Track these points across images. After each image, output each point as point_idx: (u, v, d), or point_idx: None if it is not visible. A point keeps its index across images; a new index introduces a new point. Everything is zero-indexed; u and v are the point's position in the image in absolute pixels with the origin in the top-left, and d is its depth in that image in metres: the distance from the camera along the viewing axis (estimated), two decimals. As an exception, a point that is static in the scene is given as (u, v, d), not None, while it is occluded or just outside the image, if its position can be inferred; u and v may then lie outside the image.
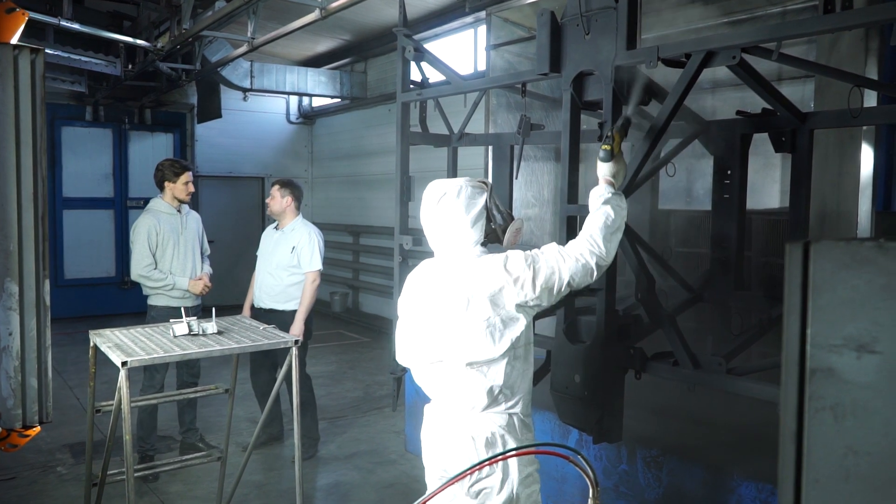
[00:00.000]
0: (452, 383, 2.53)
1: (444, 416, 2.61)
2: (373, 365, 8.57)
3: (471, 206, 2.55)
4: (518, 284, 2.44)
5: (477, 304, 2.45)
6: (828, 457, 0.89)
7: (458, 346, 2.48)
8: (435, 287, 2.58)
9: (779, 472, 0.96)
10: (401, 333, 2.74)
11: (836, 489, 0.88)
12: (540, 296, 2.47)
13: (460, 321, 2.47)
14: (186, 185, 5.16)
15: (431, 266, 2.68)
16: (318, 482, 5.09)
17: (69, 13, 7.06)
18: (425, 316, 2.59)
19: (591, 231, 2.62)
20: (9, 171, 1.75)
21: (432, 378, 2.61)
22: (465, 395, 2.51)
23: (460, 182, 2.58)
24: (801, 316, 0.91)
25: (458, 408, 2.55)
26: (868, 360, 0.85)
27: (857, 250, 0.85)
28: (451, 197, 2.55)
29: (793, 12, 4.50)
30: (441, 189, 2.58)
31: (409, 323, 2.69)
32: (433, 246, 2.67)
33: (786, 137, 3.32)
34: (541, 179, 6.00)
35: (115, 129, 11.77)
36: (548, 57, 3.39)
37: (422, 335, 2.60)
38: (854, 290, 0.85)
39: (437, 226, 2.59)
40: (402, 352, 2.74)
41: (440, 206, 2.56)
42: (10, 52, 1.73)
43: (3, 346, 1.90)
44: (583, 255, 2.54)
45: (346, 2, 5.94)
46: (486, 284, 2.45)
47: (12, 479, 4.99)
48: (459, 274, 2.52)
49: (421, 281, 2.68)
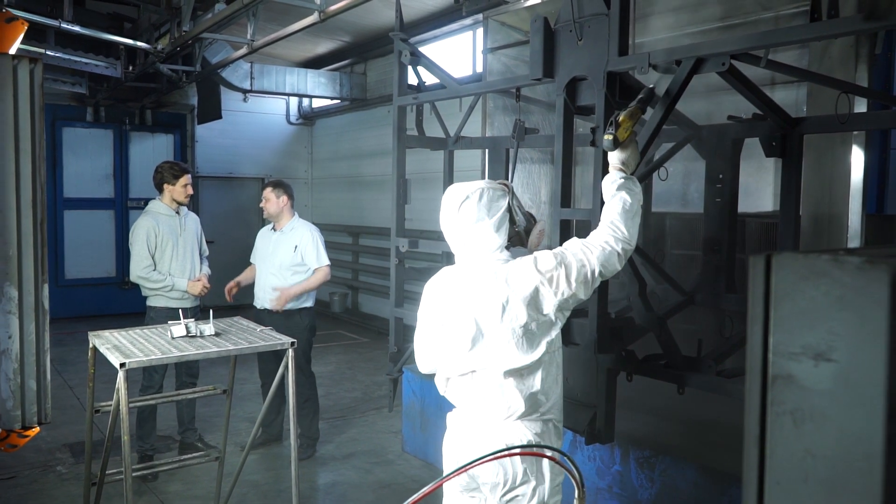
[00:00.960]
0: (486, 392, 2.48)
1: (475, 425, 2.54)
2: (371, 365, 8.62)
3: (493, 209, 2.49)
4: (553, 284, 2.41)
5: (513, 310, 2.40)
6: (788, 459, 0.93)
7: (495, 354, 2.43)
8: (463, 295, 2.51)
9: (743, 474, 1.00)
10: (424, 343, 2.68)
11: (796, 490, 0.92)
12: (577, 290, 2.45)
13: (496, 329, 2.42)
14: (185, 188, 5.20)
15: (454, 273, 2.61)
16: (316, 482, 5.14)
17: (70, 15, 7.10)
18: (454, 325, 2.51)
19: (610, 218, 2.60)
20: (8, 178, 1.79)
21: (462, 388, 2.55)
22: (500, 404, 2.46)
23: (481, 185, 2.53)
24: (763, 325, 0.95)
25: (491, 416, 2.50)
26: (825, 367, 0.89)
27: (814, 263, 0.90)
28: (472, 201, 2.48)
29: (785, 17, 4.54)
30: (462, 193, 2.51)
31: (433, 333, 2.62)
32: (456, 252, 2.61)
33: (776, 142, 3.36)
34: (537, 182, 6.04)
35: (115, 130, 11.82)
36: (541, 62, 3.44)
37: (451, 345, 2.52)
38: (812, 301, 0.90)
39: (460, 231, 2.53)
40: (426, 362, 2.68)
41: (462, 211, 2.49)
42: (10, 62, 1.78)
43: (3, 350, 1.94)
44: (608, 243, 2.52)
45: (345, 4, 5.98)
46: (521, 289, 2.40)
47: (13, 479, 5.03)
48: (489, 280, 2.46)
49: (445, 289, 2.60)
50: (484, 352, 2.45)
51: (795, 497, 0.92)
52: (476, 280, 2.49)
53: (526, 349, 2.42)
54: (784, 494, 0.93)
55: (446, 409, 4.79)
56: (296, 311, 5.35)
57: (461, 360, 2.50)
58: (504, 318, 2.40)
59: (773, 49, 3.18)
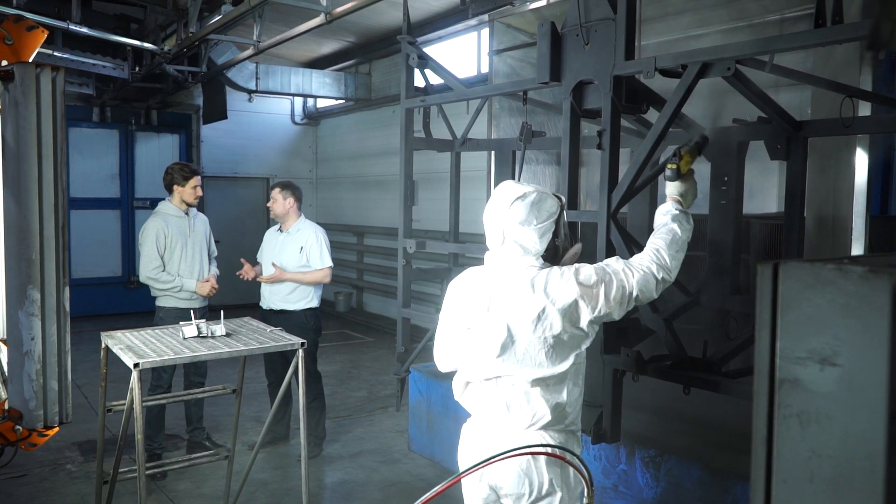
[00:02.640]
0: (511, 400, 2.45)
1: (496, 434, 2.50)
2: (377, 365, 8.66)
3: (543, 215, 2.47)
4: (592, 298, 2.40)
5: (549, 319, 2.38)
6: (794, 460, 0.97)
7: (524, 362, 2.41)
8: (495, 298, 2.46)
9: (751, 473, 1.05)
10: (445, 342, 2.64)
11: (802, 489, 0.97)
12: (612, 309, 2.45)
13: (528, 336, 2.40)
14: (195, 189, 5.24)
15: (485, 274, 2.56)
16: (324, 480, 5.18)
17: (77, 17, 7.15)
18: (483, 329, 2.47)
19: (657, 245, 2.61)
20: (31, 184, 1.84)
21: (485, 395, 2.50)
22: (525, 412, 2.44)
23: (541, 189, 2.52)
24: (770, 330, 0.99)
25: (514, 425, 2.47)
26: (830, 371, 0.93)
27: (820, 272, 0.94)
28: (527, 201, 2.45)
29: (790, 20, 4.57)
30: (518, 191, 2.48)
31: (457, 332, 2.57)
32: (492, 247, 2.54)
33: (781, 145, 3.40)
34: (543, 183, 6.08)
35: (121, 130, 11.89)
36: (548, 66, 3.48)
37: (478, 349, 2.48)
38: (818, 308, 0.94)
39: (505, 228, 2.47)
40: (446, 360, 2.65)
41: (513, 207, 2.45)
42: (33, 70, 1.82)
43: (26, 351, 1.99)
44: (649, 269, 2.53)
45: (352, 6, 6.02)
46: (560, 299, 2.38)
47: (23, 477, 5.08)
48: (525, 287, 2.42)
49: (474, 289, 2.54)
50: (513, 359, 2.42)
51: (801, 495, 0.96)
52: (511, 284, 2.45)
53: (555, 360, 2.41)
54: (790, 493, 0.98)
55: (452, 410, 4.85)
56: (301, 311, 5.39)
57: (488, 364, 2.46)
58: (538, 327, 2.38)
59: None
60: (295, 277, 5.29)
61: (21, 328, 1.96)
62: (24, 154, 1.84)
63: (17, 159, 1.86)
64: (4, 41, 2.05)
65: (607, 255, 3.27)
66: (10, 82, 1.86)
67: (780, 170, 4.82)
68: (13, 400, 2.11)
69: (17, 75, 1.86)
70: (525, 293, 2.40)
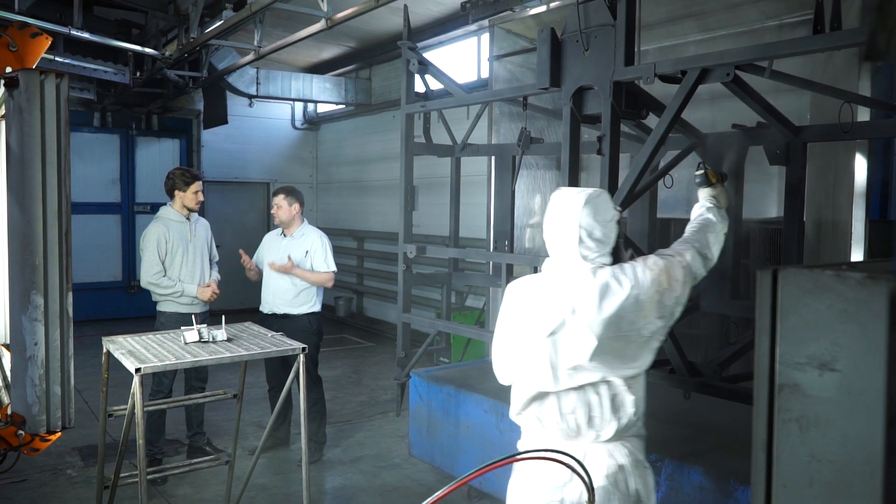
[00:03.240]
0: (595, 409, 2.40)
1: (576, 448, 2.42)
2: (377, 369, 8.67)
3: (612, 213, 2.47)
4: (665, 283, 2.41)
5: (638, 311, 2.35)
6: (794, 464, 0.98)
7: (618, 361, 2.37)
8: (577, 301, 2.38)
9: (752, 477, 1.06)
10: (506, 354, 2.55)
11: (802, 493, 0.97)
12: (682, 291, 2.46)
13: (621, 333, 2.36)
14: (196, 195, 5.25)
15: (553, 280, 2.47)
16: (324, 485, 5.18)
17: (79, 22, 7.17)
18: (568, 334, 2.39)
19: (696, 229, 2.72)
20: (35, 190, 1.85)
21: (560, 407, 2.42)
22: (609, 420, 2.40)
23: (600, 190, 2.51)
24: (770, 336, 1.00)
25: (594, 437, 2.42)
26: (829, 377, 0.94)
27: (818, 278, 0.95)
28: (603, 198, 2.45)
29: (789, 26, 4.59)
30: (589, 189, 2.47)
31: (529, 345, 2.45)
32: (561, 249, 2.48)
33: (780, 150, 3.41)
34: (543, 188, 6.09)
35: (122, 135, 11.91)
36: (548, 72, 3.49)
37: (560, 358, 2.39)
38: (816, 314, 0.95)
39: (582, 225, 2.41)
40: (507, 373, 2.56)
41: (589, 205, 2.41)
42: (37, 77, 1.83)
43: (29, 356, 2.00)
44: (694, 247, 2.60)
45: (352, 12, 6.04)
46: (643, 290, 2.36)
47: (24, 482, 5.08)
48: (608, 283, 2.38)
49: (547, 297, 2.44)
50: (606, 359, 2.36)
51: (801, 499, 0.97)
52: (593, 284, 2.38)
53: (644, 355, 2.40)
54: (790, 497, 0.99)
55: (452, 414, 4.85)
56: (304, 315, 5.41)
57: (575, 371, 2.38)
58: (629, 322, 2.35)
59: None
60: (303, 273, 5.32)
61: (24, 333, 1.97)
62: (28, 160, 1.86)
63: (21, 165, 1.87)
64: (9, 48, 2.07)
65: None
66: (14, 89, 1.87)
67: (779, 175, 4.83)
68: (16, 405, 2.12)
69: (22, 82, 1.87)
70: (611, 290, 2.36)
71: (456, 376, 5.16)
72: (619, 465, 2.41)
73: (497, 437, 4.54)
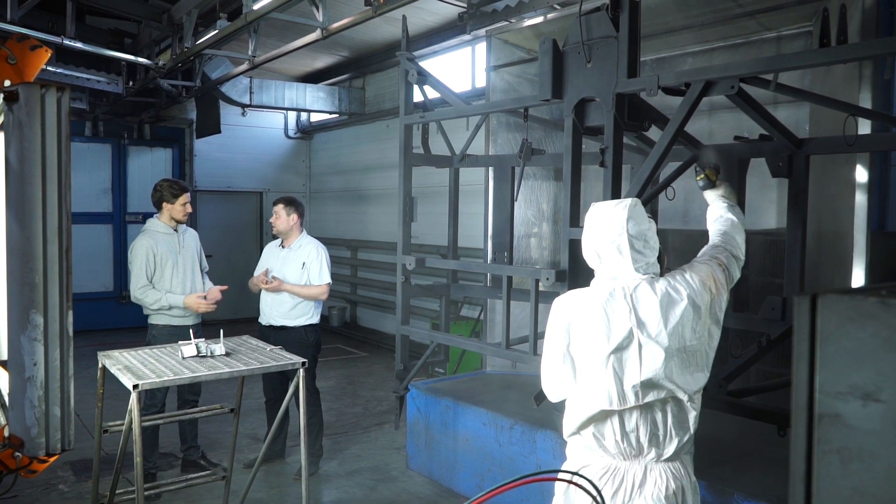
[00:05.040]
0: (659, 426, 2.35)
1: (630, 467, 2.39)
2: (372, 380, 8.61)
3: (651, 225, 2.45)
4: (714, 289, 2.41)
5: (700, 320, 2.32)
6: (835, 498, 0.95)
7: (686, 372, 2.32)
8: (638, 314, 2.33)
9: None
10: (558, 371, 2.46)
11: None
12: (725, 294, 2.46)
13: (687, 343, 2.32)
14: (184, 206, 5.19)
15: (607, 296, 2.38)
16: (321, 499, 5.12)
17: (72, 32, 7.12)
18: (633, 349, 2.32)
19: (722, 231, 2.74)
20: (35, 206, 1.80)
21: (621, 427, 2.36)
22: (672, 436, 2.36)
23: (640, 200, 2.50)
24: (808, 364, 0.97)
25: (650, 454, 2.38)
26: (873, 408, 0.91)
27: (861, 304, 0.92)
28: (640, 209, 2.42)
29: (787, 37, 4.59)
30: (626, 201, 2.42)
31: (589, 364, 2.37)
32: (609, 261, 2.41)
33: (782, 163, 3.40)
34: (540, 198, 6.07)
35: (114, 145, 11.83)
36: (550, 83, 3.47)
37: (627, 373, 2.32)
38: (859, 343, 0.92)
39: (629, 232, 2.36)
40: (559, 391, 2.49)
41: (632, 214, 2.38)
42: (38, 91, 1.79)
43: (28, 377, 1.95)
44: (728, 250, 2.62)
45: (348, 22, 6.02)
46: (699, 297, 2.34)
47: (14, 497, 5.00)
48: (667, 294, 2.34)
49: (603, 313, 2.36)
50: (674, 372, 2.31)
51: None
52: (648, 299, 2.34)
53: (708, 364, 2.38)
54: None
55: (451, 427, 4.81)
56: (301, 327, 5.36)
57: (637, 391, 2.31)
58: (693, 331, 2.32)
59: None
60: (293, 289, 5.27)
61: (23, 353, 1.92)
62: (28, 175, 1.81)
63: (20, 181, 1.83)
64: (7, 60, 2.02)
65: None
66: (14, 103, 1.83)
67: (779, 186, 4.83)
68: (14, 427, 2.07)
69: (22, 96, 1.83)
70: (672, 300, 2.33)
71: (454, 388, 5.12)
72: (680, 485, 2.38)
73: (496, 450, 4.50)
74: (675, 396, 2.35)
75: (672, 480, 2.39)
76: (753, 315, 3.63)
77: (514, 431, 4.38)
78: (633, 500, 2.37)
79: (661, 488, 2.37)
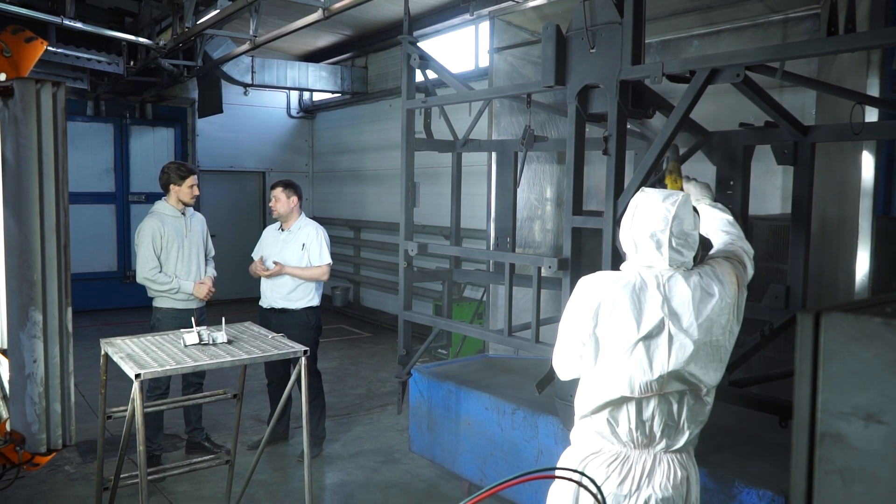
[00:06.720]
0: (672, 417, 2.36)
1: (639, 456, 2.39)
2: (375, 361, 8.64)
3: (696, 220, 2.43)
4: (739, 283, 2.42)
5: (727, 313, 2.33)
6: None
7: (710, 364, 2.33)
8: (670, 303, 2.32)
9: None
10: (573, 354, 2.44)
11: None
12: (746, 293, 2.47)
13: (714, 335, 2.32)
14: (191, 189, 5.18)
15: (639, 283, 2.36)
16: (324, 481, 5.16)
17: (72, 12, 7.06)
18: (654, 339, 2.31)
19: (725, 230, 2.73)
20: (32, 203, 1.79)
21: (637, 414, 2.36)
22: (683, 428, 2.37)
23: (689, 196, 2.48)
24: (811, 382, 0.96)
25: (660, 444, 2.38)
26: (875, 429, 0.89)
27: (865, 325, 0.90)
28: (689, 208, 2.39)
29: (794, 20, 4.53)
30: (676, 193, 2.41)
31: (614, 349, 2.35)
32: (646, 250, 2.39)
33: (788, 150, 3.36)
34: (543, 181, 6.04)
35: (116, 124, 11.78)
36: (553, 70, 3.43)
37: (656, 360, 2.30)
38: (863, 363, 0.90)
39: (673, 224, 2.34)
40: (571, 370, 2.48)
41: (680, 207, 2.35)
42: (33, 86, 1.77)
43: (28, 373, 1.95)
44: (742, 248, 2.62)
45: (351, 2, 5.96)
46: (729, 291, 2.34)
47: (21, 478, 5.03)
48: (702, 285, 2.34)
49: (632, 298, 2.34)
50: (700, 363, 2.30)
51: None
52: (682, 290, 2.32)
53: (724, 364, 2.38)
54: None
55: (453, 411, 4.83)
56: (302, 310, 5.37)
57: (661, 380, 2.31)
58: (722, 324, 2.32)
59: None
60: (294, 272, 5.29)
61: (23, 350, 1.91)
62: (25, 172, 1.79)
63: (17, 177, 1.81)
64: (2, 53, 2.00)
65: (613, 263, 3.23)
66: (9, 98, 1.81)
67: (784, 171, 4.79)
68: (15, 423, 2.07)
69: (17, 91, 1.80)
70: (705, 294, 2.32)
71: (457, 372, 5.13)
72: (686, 474, 2.40)
73: (498, 434, 4.52)
74: (694, 389, 2.35)
75: (679, 469, 2.40)
76: (756, 303, 3.62)
77: (516, 416, 4.39)
78: (640, 489, 2.37)
79: (669, 478, 2.38)
